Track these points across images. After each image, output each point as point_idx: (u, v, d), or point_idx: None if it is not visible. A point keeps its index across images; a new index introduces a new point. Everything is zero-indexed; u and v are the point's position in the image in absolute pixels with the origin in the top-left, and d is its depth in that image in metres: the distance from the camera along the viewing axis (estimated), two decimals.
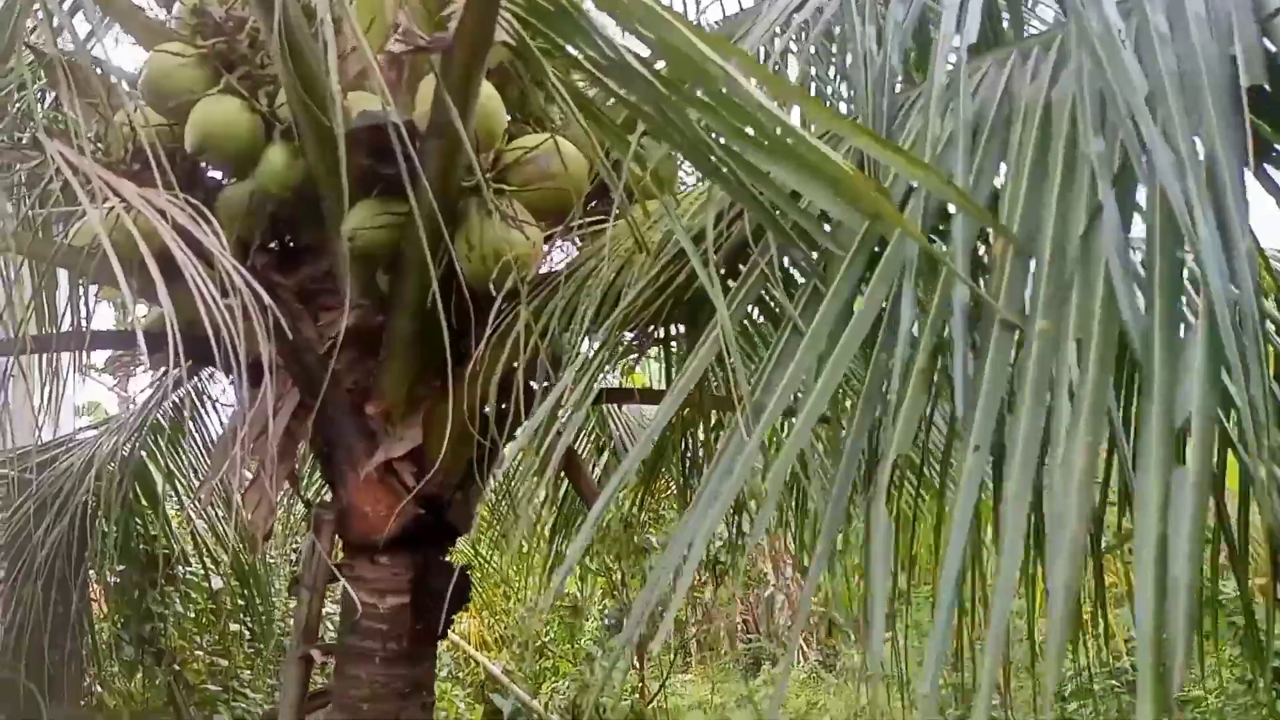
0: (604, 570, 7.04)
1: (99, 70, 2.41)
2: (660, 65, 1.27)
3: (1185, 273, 0.90)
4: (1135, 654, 0.67)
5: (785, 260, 1.28)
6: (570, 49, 1.52)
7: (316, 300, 2.45)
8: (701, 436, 3.37)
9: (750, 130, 1.14)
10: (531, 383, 2.02)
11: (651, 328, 1.51)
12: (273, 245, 2.54)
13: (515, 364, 1.77)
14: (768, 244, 1.27)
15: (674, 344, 1.85)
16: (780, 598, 11.49)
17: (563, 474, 4.24)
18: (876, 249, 1.14)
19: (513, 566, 5.89)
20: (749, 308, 1.23)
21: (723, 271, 1.57)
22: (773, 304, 1.58)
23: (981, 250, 1.09)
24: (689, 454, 3.91)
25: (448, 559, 2.52)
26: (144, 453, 3.90)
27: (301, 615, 2.43)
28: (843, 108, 1.69)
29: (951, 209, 1.09)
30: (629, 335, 1.71)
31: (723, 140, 1.18)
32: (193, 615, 4.74)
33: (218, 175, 2.58)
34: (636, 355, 1.81)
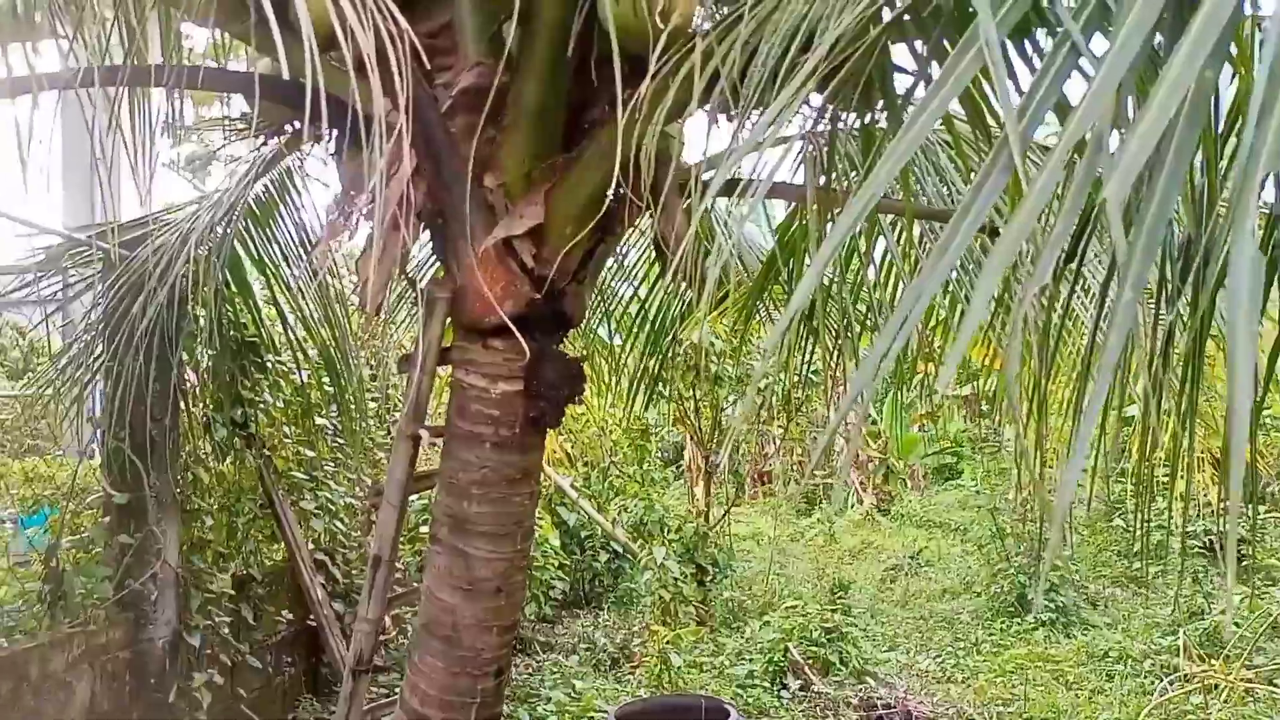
0: (677, 397, 7.02)
1: None
2: None
3: None
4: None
5: None
6: None
7: (433, 60, 2.25)
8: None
9: None
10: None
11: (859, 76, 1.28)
12: None
13: (669, 124, 1.57)
14: None
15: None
16: (840, 442, 11.52)
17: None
18: None
19: (591, 386, 5.84)
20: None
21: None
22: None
23: None
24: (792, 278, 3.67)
25: (560, 349, 2.41)
26: (235, 240, 3.81)
27: (411, 395, 2.36)
28: None
29: None
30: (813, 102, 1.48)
31: None
32: (280, 405, 4.79)
33: None
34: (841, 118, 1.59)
